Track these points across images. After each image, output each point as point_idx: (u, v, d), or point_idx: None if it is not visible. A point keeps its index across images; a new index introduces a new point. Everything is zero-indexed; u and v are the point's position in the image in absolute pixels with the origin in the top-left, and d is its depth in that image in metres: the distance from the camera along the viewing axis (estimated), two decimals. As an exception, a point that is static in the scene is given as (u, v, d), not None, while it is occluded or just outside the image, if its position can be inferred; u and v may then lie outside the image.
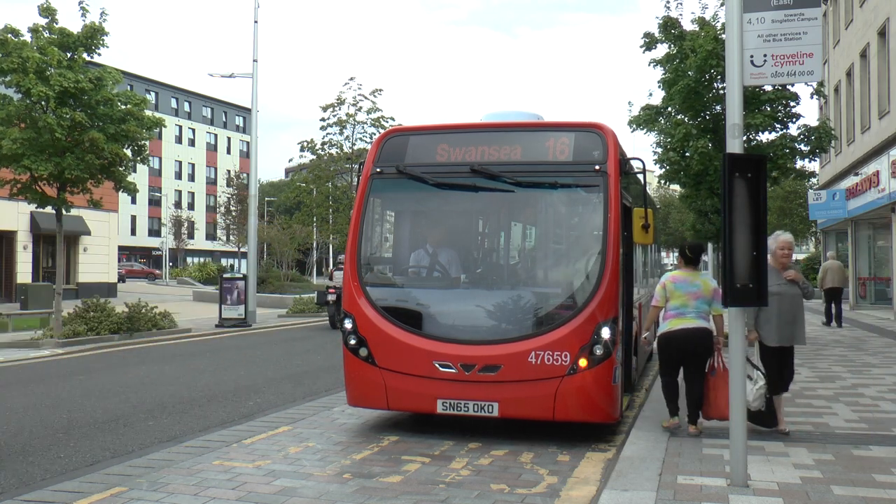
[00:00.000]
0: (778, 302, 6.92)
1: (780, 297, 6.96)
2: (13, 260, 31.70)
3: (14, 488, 5.96)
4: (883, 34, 21.81)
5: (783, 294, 7.03)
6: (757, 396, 6.86)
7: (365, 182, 7.94)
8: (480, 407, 7.03)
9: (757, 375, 6.94)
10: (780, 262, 7.16)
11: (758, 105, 14.21)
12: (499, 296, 7.58)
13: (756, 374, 6.94)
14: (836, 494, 5.19)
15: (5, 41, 16.60)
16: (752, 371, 6.87)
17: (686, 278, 7.34)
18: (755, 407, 6.86)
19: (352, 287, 7.65)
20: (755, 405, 6.85)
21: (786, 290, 7.07)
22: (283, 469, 6.21)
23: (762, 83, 6.18)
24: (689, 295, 7.20)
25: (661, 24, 15.06)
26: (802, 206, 34.13)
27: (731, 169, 5.27)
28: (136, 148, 18.03)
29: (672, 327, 7.22)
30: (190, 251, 73.10)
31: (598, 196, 7.32)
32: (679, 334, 7.19)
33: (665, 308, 7.34)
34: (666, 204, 50.77)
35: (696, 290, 7.24)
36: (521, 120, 8.35)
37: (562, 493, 5.58)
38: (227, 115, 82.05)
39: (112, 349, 16.35)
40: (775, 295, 6.77)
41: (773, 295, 6.63)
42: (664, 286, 7.34)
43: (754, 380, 6.90)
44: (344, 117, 29.37)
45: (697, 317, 7.19)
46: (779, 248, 7.17)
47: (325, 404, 9.27)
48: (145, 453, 6.91)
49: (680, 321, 7.19)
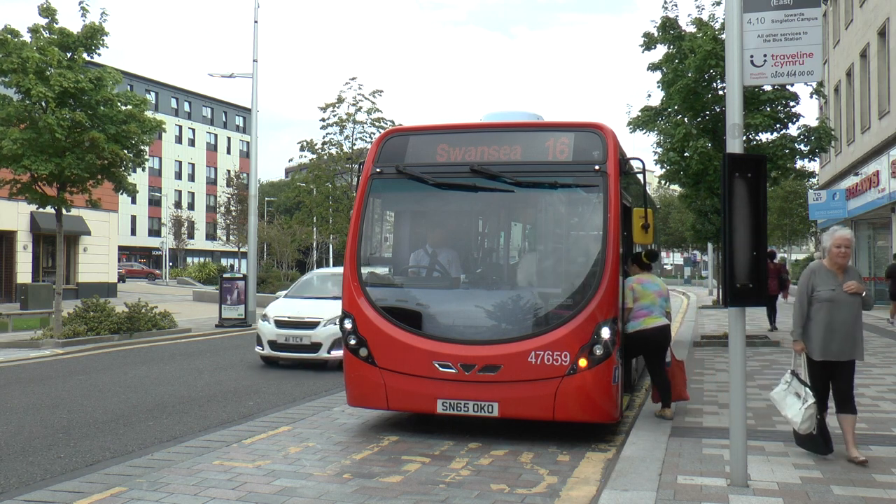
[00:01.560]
0: (829, 310, 6.06)
1: (833, 305, 6.07)
2: (13, 260, 31.69)
3: (14, 488, 5.97)
4: (883, 34, 21.81)
5: (837, 301, 6.07)
6: (805, 417, 5.98)
7: (365, 182, 7.94)
8: (480, 407, 7.03)
9: (805, 393, 6.04)
10: (835, 263, 6.18)
11: (758, 105, 14.21)
12: (499, 296, 7.58)
13: (805, 392, 6.05)
14: (836, 494, 5.19)
15: (5, 41, 16.59)
16: (800, 388, 6.09)
17: (648, 280, 8.10)
18: (804, 429, 6.04)
19: (352, 287, 7.65)
20: (804, 427, 6.01)
21: (841, 296, 6.09)
22: (283, 469, 6.21)
23: (762, 83, 6.18)
24: (655, 294, 7.93)
25: (659, 24, 15.07)
26: (802, 206, 34.13)
27: (731, 169, 5.27)
28: (135, 151, 18.03)
29: (646, 325, 7.79)
30: (190, 251, 73.09)
31: (597, 196, 7.31)
32: (653, 332, 7.82)
33: (633, 308, 7.84)
34: (666, 204, 50.80)
35: (658, 289, 8.04)
36: (520, 120, 8.35)
37: (562, 493, 5.58)
38: (227, 115, 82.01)
39: (112, 349, 16.34)
40: (826, 302, 6.06)
41: (824, 302, 6.05)
42: (633, 288, 7.91)
43: (802, 398, 6.04)
44: (344, 117, 29.38)
45: (662, 314, 7.91)
46: (834, 247, 6.16)
47: (325, 404, 9.27)
48: (145, 453, 6.91)
49: (652, 319, 7.81)
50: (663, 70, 15.10)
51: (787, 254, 50.33)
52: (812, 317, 6.16)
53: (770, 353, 13.60)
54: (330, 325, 12.45)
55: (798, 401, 6.04)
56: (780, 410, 6.27)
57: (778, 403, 6.25)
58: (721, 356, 12.76)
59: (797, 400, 6.05)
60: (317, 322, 12.69)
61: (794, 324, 6.29)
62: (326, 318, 12.56)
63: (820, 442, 6.12)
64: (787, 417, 6.16)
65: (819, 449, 6.15)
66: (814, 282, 6.20)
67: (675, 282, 65.61)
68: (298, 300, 13.81)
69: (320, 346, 12.56)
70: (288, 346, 12.78)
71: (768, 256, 14.45)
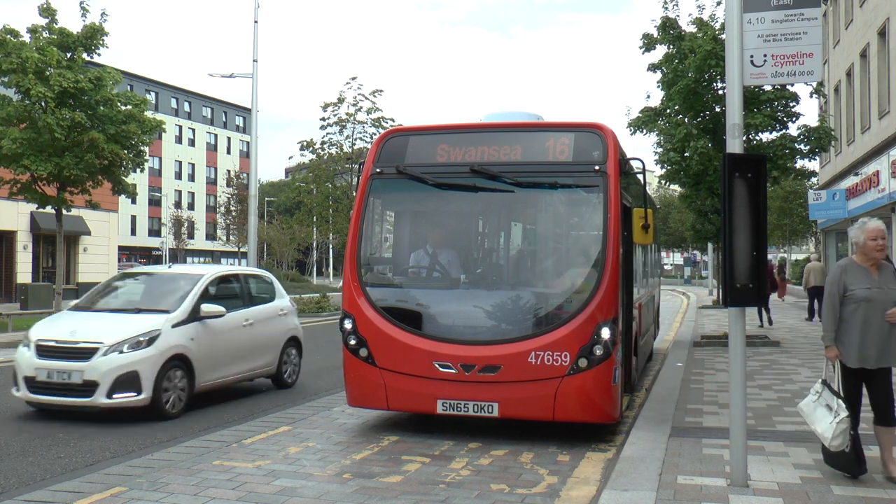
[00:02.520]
0: (866, 311, 5.46)
1: (870, 305, 5.46)
2: (13, 260, 31.68)
3: (14, 488, 5.97)
4: (883, 34, 21.80)
5: (874, 301, 5.46)
6: (837, 433, 5.30)
7: (365, 182, 7.94)
8: (480, 407, 7.03)
9: (838, 405, 5.38)
10: (870, 258, 5.58)
11: (758, 105, 14.21)
12: (499, 296, 7.58)
13: (837, 404, 5.40)
14: (836, 494, 5.18)
15: (4, 41, 16.61)
16: (832, 399, 5.45)
17: None
18: (836, 446, 5.35)
19: (352, 287, 7.65)
20: (835, 444, 5.34)
21: (878, 295, 5.47)
22: (283, 469, 6.21)
23: (762, 83, 6.18)
24: None
25: (659, 24, 15.07)
26: (802, 206, 34.09)
27: (731, 169, 5.27)
28: (135, 152, 18.05)
29: None
30: (190, 251, 73.02)
31: (597, 196, 7.31)
32: None
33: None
34: (666, 204, 50.81)
35: None
36: (520, 120, 8.35)
37: (562, 493, 5.58)
38: (227, 115, 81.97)
39: (112, 349, 16.31)
40: (863, 302, 5.47)
41: (860, 301, 5.48)
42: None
43: (834, 410, 5.38)
44: (344, 116, 29.39)
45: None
46: (869, 239, 5.54)
47: (325, 404, 9.27)
48: (145, 453, 6.90)
49: None
50: (663, 70, 15.10)
51: (787, 254, 50.34)
52: (846, 319, 5.54)
53: (770, 353, 13.60)
54: (114, 353, 8.26)
55: (829, 414, 5.39)
56: (808, 424, 5.64)
57: (807, 416, 5.62)
58: (721, 356, 12.76)
59: (828, 413, 5.40)
60: (93, 349, 8.28)
61: (826, 328, 5.62)
62: (110, 342, 8.31)
63: (853, 460, 5.47)
64: (816, 432, 5.51)
65: (851, 469, 5.51)
66: (846, 280, 5.57)
67: (675, 282, 65.64)
68: (84, 315, 9.28)
69: (95, 386, 8.17)
70: (50, 386, 8.38)
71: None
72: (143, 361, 8.38)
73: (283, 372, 10.94)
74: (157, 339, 8.58)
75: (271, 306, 10.94)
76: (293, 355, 11.30)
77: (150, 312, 9.01)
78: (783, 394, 9.26)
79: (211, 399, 9.79)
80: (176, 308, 9.05)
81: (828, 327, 5.62)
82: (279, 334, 10.91)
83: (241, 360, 9.97)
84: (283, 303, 11.34)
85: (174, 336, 8.80)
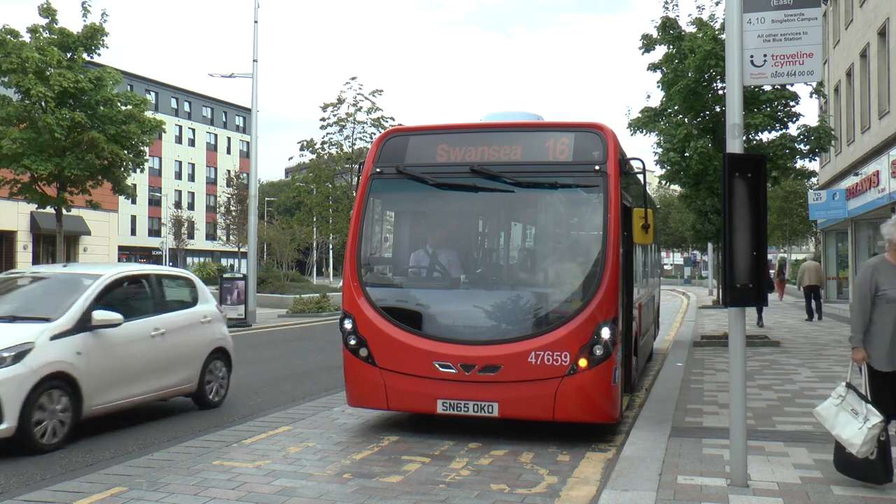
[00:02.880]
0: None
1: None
2: (13, 260, 31.72)
3: (14, 488, 5.96)
4: (883, 34, 21.80)
5: None
6: (868, 439, 5.03)
7: (365, 182, 7.94)
8: (480, 407, 7.03)
9: (867, 410, 5.10)
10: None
11: (757, 105, 14.22)
12: (499, 296, 7.58)
13: (865, 409, 5.11)
14: (836, 494, 5.18)
15: (4, 42, 16.63)
16: (858, 404, 5.16)
17: None
18: (863, 452, 5.06)
19: (352, 287, 7.65)
20: (864, 450, 5.04)
21: None
22: (283, 469, 6.21)
23: (762, 83, 6.17)
24: None
25: (659, 24, 15.08)
26: (802, 206, 34.11)
27: (731, 169, 5.27)
28: (135, 152, 18.06)
29: None
30: (190, 251, 73.04)
31: (597, 196, 7.31)
32: None
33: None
34: (666, 204, 50.83)
35: None
36: (521, 120, 8.35)
37: (562, 493, 5.58)
38: (227, 115, 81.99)
39: (112, 349, 16.31)
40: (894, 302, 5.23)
41: (893, 302, 5.24)
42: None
43: (863, 416, 5.10)
44: (344, 116, 29.41)
45: None
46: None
47: (325, 404, 9.27)
48: (145, 453, 6.90)
49: None
50: (663, 70, 15.11)
51: (787, 254, 50.35)
52: (876, 321, 5.30)
53: (770, 352, 13.60)
54: None
55: (855, 420, 5.09)
56: (829, 429, 5.34)
57: (826, 421, 5.33)
58: (721, 356, 12.76)
59: (854, 418, 5.10)
60: None
61: (854, 329, 5.39)
62: None
63: (879, 468, 5.17)
64: (839, 438, 5.21)
65: (876, 477, 5.18)
66: (878, 280, 5.34)
67: (675, 282, 65.67)
68: None
69: None
70: None
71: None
72: (7, 383, 6.76)
73: (206, 390, 9.28)
74: (27, 355, 6.95)
75: (190, 312, 9.27)
76: (219, 370, 9.61)
77: (27, 321, 7.39)
78: (783, 394, 9.27)
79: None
80: (59, 316, 7.45)
81: (856, 328, 5.37)
82: (201, 345, 9.25)
83: (147, 378, 8.33)
84: (208, 308, 9.62)
85: (53, 350, 7.18)
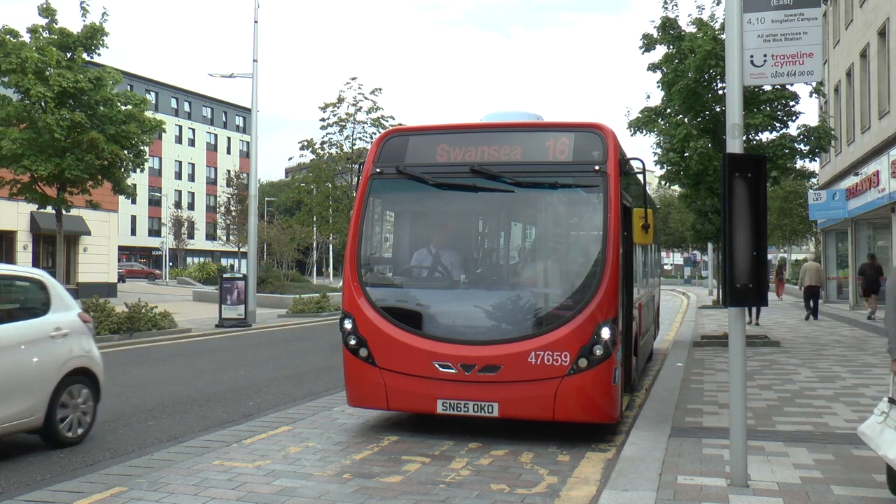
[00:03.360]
0: None
1: None
2: (13, 260, 31.69)
3: (14, 488, 5.96)
4: (883, 34, 21.79)
5: None
6: None
7: (365, 182, 7.94)
8: (480, 407, 7.03)
9: None
10: None
11: (757, 105, 14.22)
12: (498, 296, 7.58)
13: None
14: (836, 494, 5.18)
15: (4, 42, 16.63)
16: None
17: None
18: None
19: (352, 287, 7.65)
20: None
21: None
22: (283, 469, 6.21)
23: (762, 83, 6.17)
24: None
25: (659, 24, 15.08)
26: (802, 206, 34.14)
27: (731, 169, 5.27)
28: (135, 152, 18.07)
29: None
30: (190, 251, 73.12)
31: (597, 196, 7.31)
32: None
33: None
34: (666, 204, 50.85)
35: None
36: (520, 120, 8.35)
37: (562, 493, 5.58)
38: (227, 115, 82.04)
39: (112, 349, 16.32)
40: None
41: None
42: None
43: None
44: (344, 116, 29.43)
45: None
46: None
47: (325, 404, 9.27)
48: (145, 453, 6.90)
49: None
50: (663, 70, 15.11)
51: (787, 254, 50.36)
52: None
53: (770, 353, 13.60)
54: None
55: (891, 431, 4.81)
56: (874, 450, 5.00)
57: (871, 440, 4.99)
58: (721, 356, 12.76)
59: (889, 429, 4.82)
60: None
61: (892, 338, 4.96)
62: None
63: None
64: (886, 459, 4.82)
65: None
66: None
67: (675, 282, 65.67)
68: None
69: None
70: None
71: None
72: None
73: (57, 424, 7.15)
74: None
75: (36, 324, 7.20)
76: (79, 397, 7.44)
77: None
78: (783, 394, 9.27)
79: (211, 399, 9.74)
80: None
81: (892, 332, 4.96)
82: (49, 366, 7.10)
83: None
84: (63, 318, 7.45)
85: None
